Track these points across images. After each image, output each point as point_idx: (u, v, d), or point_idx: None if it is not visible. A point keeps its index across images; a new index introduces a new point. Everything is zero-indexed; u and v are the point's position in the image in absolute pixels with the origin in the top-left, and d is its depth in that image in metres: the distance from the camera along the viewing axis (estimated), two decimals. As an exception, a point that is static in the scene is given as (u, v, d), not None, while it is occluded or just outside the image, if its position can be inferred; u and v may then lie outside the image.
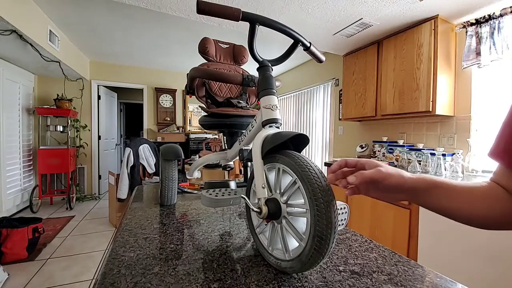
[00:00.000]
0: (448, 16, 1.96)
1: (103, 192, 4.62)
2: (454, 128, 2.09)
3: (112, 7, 2.52)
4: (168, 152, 0.91)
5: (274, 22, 0.59)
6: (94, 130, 4.40)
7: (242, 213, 0.89)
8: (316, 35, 2.44)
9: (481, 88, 1.96)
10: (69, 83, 4.14)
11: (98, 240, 2.66)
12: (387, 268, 0.53)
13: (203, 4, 0.53)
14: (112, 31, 3.12)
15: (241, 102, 0.87)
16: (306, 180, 0.43)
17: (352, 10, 1.95)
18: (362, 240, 0.68)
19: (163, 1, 1.86)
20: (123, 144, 6.72)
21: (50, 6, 2.55)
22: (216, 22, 2.24)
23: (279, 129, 0.57)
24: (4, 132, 3.10)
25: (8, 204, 3.16)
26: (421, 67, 2.02)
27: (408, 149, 2.30)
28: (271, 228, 0.52)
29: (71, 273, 2.03)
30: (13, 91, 3.33)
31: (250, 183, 0.60)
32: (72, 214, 3.46)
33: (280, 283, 0.47)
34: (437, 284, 0.48)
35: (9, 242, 2.12)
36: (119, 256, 0.55)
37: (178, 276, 0.48)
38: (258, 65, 0.62)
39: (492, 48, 1.78)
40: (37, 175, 3.76)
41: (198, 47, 0.95)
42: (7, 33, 2.30)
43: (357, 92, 2.67)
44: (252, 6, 1.92)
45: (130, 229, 0.71)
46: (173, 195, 0.96)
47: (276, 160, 0.50)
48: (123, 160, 2.93)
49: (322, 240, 0.40)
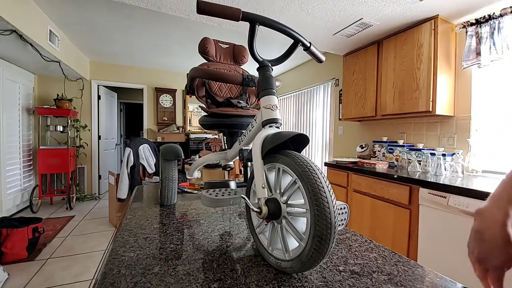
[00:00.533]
0: (448, 16, 1.96)
1: (103, 192, 4.62)
2: (454, 128, 2.09)
3: (112, 7, 2.52)
4: (168, 152, 0.91)
5: (274, 22, 0.59)
6: (94, 130, 4.40)
7: (242, 213, 0.89)
8: (316, 35, 2.44)
9: (481, 88, 1.96)
10: (69, 83, 4.14)
11: (98, 240, 2.66)
12: (387, 268, 0.53)
13: (203, 4, 0.53)
14: (112, 31, 3.12)
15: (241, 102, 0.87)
16: (306, 180, 0.43)
17: (352, 10, 1.95)
18: (362, 240, 0.68)
19: (163, 1, 1.86)
20: (123, 144, 6.72)
21: (50, 6, 2.55)
22: (216, 22, 2.24)
23: (279, 129, 0.57)
24: (4, 132, 3.10)
25: (8, 204, 3.15)
26: (421, 67, 2.02)
27: (408, 149, 2.30)
28: (271, 228, 0.52)
29: (71, 273, 2.03)
30: (13, 91, 3.33)
31: (250, 183, 0.60)
32: (72, 214, 3.46)
33: (280, 283, 0.47)
34: (437, 284, 0.48)
35: (9, 242, 2.12)
36: (119, 256, 0.55)
37: (178, 276, 0.48)
38: (258, 65, 0.62)
39: (492, 48, 1.78)
40: (37, 175, 3.76)
41: (198, 47, 0.95)
42: (7, 33, 2.30)
43: (357, 92, 2.67)
44: (252, 6, 1.92)
45: (130, 229, 0.71)
46: (173, 195, 0.96)
47: (276, 160, 0.50)
48: (123, 160, 2.93)
49: (322, 240, 0.40)
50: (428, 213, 1.65)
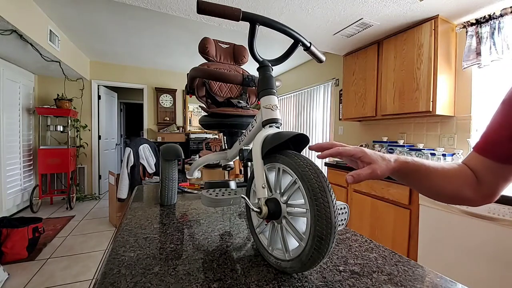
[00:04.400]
0: (448, 16, 1.96)
1: (103, 192, 4.62)
2: (454, 128, 2.09)
3: (113, 7, 2.52)
4: (168, 152, 0.91)
5: (274, 22, 0.59)
6: (94, 130, 4.40)
7: (242, 213, 0.89)
8: (316, 35, 2.44)
9: (481, 88, 1.96)
10: (69, 83, 4.14)
11: (98, 240, 2.66)
12: (387, 268, 0.53)
13: (203, 4, 0.53)
14: (112, 31, 3.12)
15: (241, 102, 0.87)
16: (306, 180, 0.43)
17: (352, 10, 1.95)
18: (362, 240, 0.68)
19: (163, 1, 1.86)
20: (123, 144, 6.72)
21: (50, 6, 2.55)
22: (216, 22, 2.24)
23: (279, 129, 0.57)
24: (4, 132, 3.10)
25: (8, 204, 3.16)
26: (421, 67, 2.02)
27: (408, 149, 2.30)
28: (271, 228, 0.52)
29: (71, 273, 2.03)
30: (13, 91, 3.33)
31: (250, 183, 0.60)
32: (72, 214, 3.46)
33: (280, 283, 0.47)
34: (437, 284, 0.48)
35: (9, 242, 2.12)
36: (119, 256, 0.55)
37: (178, 276, 0.48)
38: (258, 65, 0.62)
39: (492, 48, 1.78)
40: (37, 175, 3.76)
41: (198, 47, 0.95)
42: (7, 33, 2.30)
43: (357, 92, 2.67)
44: (252, 6, 1.92)
45: (130, 229, 0.71)
46: (173, 195, 0.96)
47: (276, 160, 0.50)
48: (123, 160, 2.93)
49: (322, 240, 0.40)
50: (428, 213, 1.65)
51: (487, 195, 0.49)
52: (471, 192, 0.49)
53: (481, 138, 0.49)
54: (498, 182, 0.47)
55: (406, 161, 0.50)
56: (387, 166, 0.48)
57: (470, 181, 0.49)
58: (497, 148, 0.46)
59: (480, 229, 1.38)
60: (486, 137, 0.48)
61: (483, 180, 0.48)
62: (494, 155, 0.46)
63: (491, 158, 0.46)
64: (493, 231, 1.33)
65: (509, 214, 1.28)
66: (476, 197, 0.49)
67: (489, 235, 1.35)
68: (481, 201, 0.50)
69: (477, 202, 0.50)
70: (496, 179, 0.47)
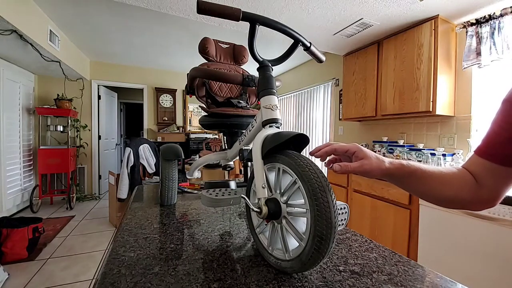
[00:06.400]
0: (448, 16, 1.96)
1: (103, 192, 4.62)
2: (454, 128, 2.09)
3: (112, 7, 2.52)
4: (168, 152, 0.91)
5: (274, 22, 0.59)
6: (94, 130, 4.40)
7: (242, 213, 0.89)
8: (316, 35, 2.44)
9: (481, 88, 1.96)
10: (69, 83, 4.14)
11: (98, 240, 2.66)
12: (387, 268, 0.53)
13: (203, 4, 0.53)
14: (112, 31, 3.12)
15: (241, 102, 0.87)
16: (306, 180, 0.43)
17: (352, 10, 1.95)
18: (362, 240, 0.68)
19: (163, 1, 1.86)
20: (123, 144, 6.72)
21: (50, 6, 2.55)
22: (216, 22, 2.24)
23: (279, 129, 0.57)
24: (4, 132, 3.10)
25: (8, 204, 3.16)
26: (421, 67, 2.02)
27: (408, 149, 2.30)
28: (271, 228, 0.52)
29: (71, 273, 2.03)
30: (13, 91, 3.33)
31: (250, 183, 0.60)
32: (72, 214, 3.46)
33: (280, 283, 0.47)
34: (437, 284, 0.48)
35: (9, 242, 2.12)
36: (119, 256, 0.55)
37: (178, 276, 0.48)
38: (258, 65, 0.62)
39: (492, 48, 1.78)
40: (37, 175, 3.75)
41: (198, 47, 0.95)
42: (7, 33, 2.30)
43: (357, 92, 2.67)
44: (252, 6, 1.92)
45: (130, 229, 0.71)
46: (173, 195, 0.96)
47: (276, 160, 0.50)
48: (123, 160, 2.93)
49: (322, 240, 0.40)
50: (428, 213, 1.64)
51: (487, 199, 0.48)
52: (470, 196, 0.48)
53: (482, 140, 0.49)
54: (498, 185, 0.47)
55: (401, 164, 0.50)
56: (378, 165, 0.48)
57: (469, 185, 0.49)
58: (497, 149, 0.45)
59: (480, 229, 1.38)
60: (487, 139, 0.48)
61: (483, 183, 0.48)
62: (494, 157, 0.46)
63: (492, 160, 0.46)
64: (493, 231, 1.33)
65: (509, 214, 1.28)
66: (475, 201, 0.49)
67: (489, 235, 1.35)
68: (481, 205, 0.49)
69: (477, 206, 0.50)
70: (496, 182, 0.47)
